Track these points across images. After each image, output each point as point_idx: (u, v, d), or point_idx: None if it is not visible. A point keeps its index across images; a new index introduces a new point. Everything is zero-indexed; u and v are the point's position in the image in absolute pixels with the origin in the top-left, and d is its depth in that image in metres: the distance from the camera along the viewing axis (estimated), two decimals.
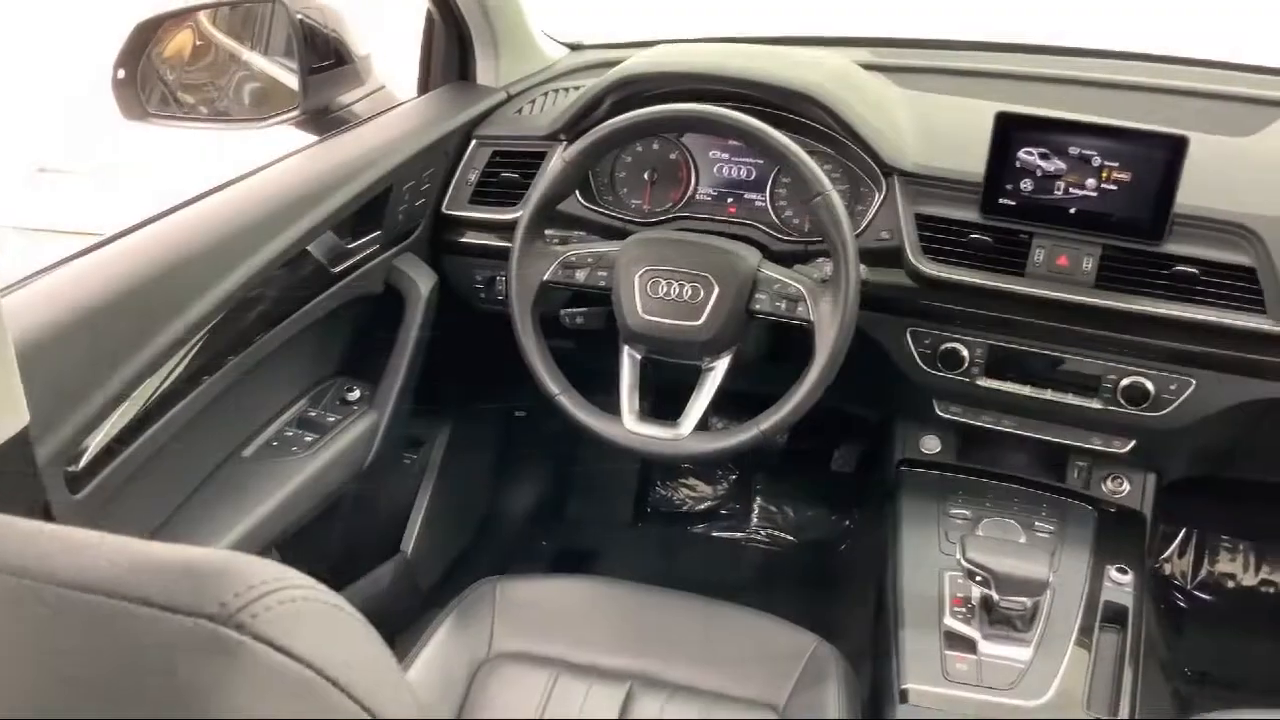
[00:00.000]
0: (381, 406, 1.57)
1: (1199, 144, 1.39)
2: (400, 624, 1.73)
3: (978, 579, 1.35)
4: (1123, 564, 1.47)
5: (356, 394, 1.59)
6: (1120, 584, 1.45)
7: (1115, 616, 1.41)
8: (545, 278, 1.46)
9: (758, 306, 1.40)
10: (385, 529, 1.83)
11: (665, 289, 1.41)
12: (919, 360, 1.56)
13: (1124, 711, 1.29)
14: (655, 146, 1.66)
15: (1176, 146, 1.36)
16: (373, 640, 0.51)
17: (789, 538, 2.35)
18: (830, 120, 1.53)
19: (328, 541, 1.63)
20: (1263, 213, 1.41)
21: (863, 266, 1.46)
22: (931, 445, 1.69)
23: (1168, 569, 2.19)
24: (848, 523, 2.31)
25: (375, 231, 1.57)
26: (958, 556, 1.38)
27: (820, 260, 1.52)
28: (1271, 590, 2.17)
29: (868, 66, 1.76)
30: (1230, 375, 1.43)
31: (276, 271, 1.36)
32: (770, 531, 2.36)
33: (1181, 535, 2.20)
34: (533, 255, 1.46)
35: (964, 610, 1.38)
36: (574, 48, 2.00)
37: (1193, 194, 1.40)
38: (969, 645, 1.34)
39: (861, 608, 1.65)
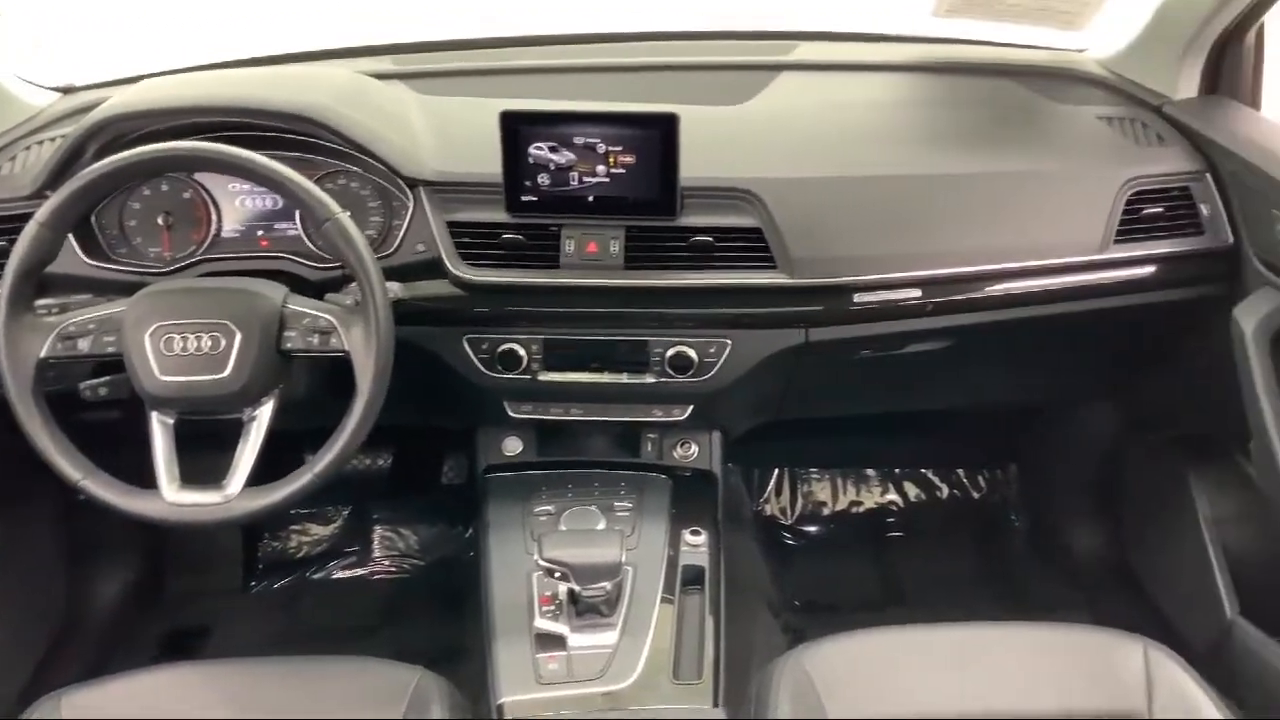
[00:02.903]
0: None
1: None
2: None
3: (557, 574, 1.36)
4: (696, 526, 1.54)
5: None
6: (695, 546, 1.51)
7: (694, 578, 1.47)
8: (42, 355, 1.29)
9: (289, 345, 1.32)
10: None
11: (182, 344, 1.29)
12: (480, 365, 1.54)
13: (708, 669, 1.34)
14: (165, 188, 1.52)
15: (668, 124, 1.42)
16: None
17: (417, 561, 2.29)
18: (337, 139, 1.47)
19: None
20: (759, 174, 1.50)
21: (396, 285, 1.42)
22: (513, 446, 1.70)
23: (769, 510, 2.34)
24: (470, 532, 2.28)
25: None
26: (536, 557, 1.38)
27: (353, 285, 1.46)
28: (859, 510, 2.38)
29: (384, 76, 1.71)
30: (758, 330, 1.53)
31: None
32: (395, 560, 2.29)
33: (775, 476, 2.35)
34: (22, 332, 1.29)
35: (553, 608, 1.38)
36: (66, 91, 1.79)
37: (697, 166, 1.47)
38: (559, 642, 1.34)
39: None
